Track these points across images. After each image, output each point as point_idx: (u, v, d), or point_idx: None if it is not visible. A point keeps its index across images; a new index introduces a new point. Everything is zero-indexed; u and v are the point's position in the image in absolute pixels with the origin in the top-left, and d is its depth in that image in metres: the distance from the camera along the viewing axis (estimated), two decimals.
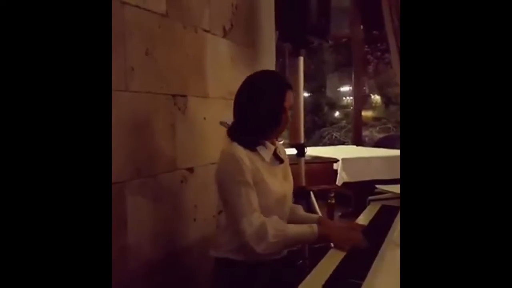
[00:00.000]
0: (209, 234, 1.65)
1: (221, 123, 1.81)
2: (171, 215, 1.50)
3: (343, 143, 6.91)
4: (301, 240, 1.22)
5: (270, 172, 1.28)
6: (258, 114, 1.24)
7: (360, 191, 3.76)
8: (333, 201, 2.98)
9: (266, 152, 1.28)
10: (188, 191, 1.56)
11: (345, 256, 1.08)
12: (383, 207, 1.70)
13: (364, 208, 1.81)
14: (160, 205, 1.44)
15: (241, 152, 1.21)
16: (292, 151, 2.12)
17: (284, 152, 1.47)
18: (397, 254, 0.96)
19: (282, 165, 1.35)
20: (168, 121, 1.49)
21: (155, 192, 1.42)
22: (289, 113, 1.31)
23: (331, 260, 1.09)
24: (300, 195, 2.02)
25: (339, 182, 3.71)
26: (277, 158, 1.33)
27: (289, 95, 1.27)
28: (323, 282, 0.94)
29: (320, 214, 2.02)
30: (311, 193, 2.05)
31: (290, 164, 2.28)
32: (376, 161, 4.05)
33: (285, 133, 6.52)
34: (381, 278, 0.85)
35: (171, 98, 1.50)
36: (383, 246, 1.01)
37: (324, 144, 7.13)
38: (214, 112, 1.75)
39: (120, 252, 1.24)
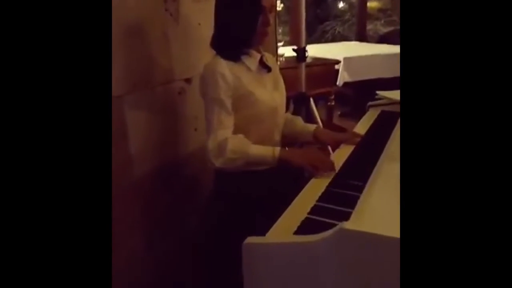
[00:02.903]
0: None
1: None
2: (171, 126, 1.51)
3: (346, 39, 6.63)
4: (261, 161, 1.19)
5: (258, 82, 1.27)
6: (236, 18, 1.19)
7: (360, 91, 3.74)
8: (333, 103, 2.98)
9: (251, 61, 1.26)
10: (187, 102, 1.54)
11: (341, 169, 1.12)
12: (382, 113, 1.70)
13: (363, 107, 1.82)
14: (159, 117, 1.44)
15: (223, 67, 1.19)
16: (293, 52, 2.05)
17: (273, 61, 1.42)
18: (395, 168, 0.98)
19: (270, 73, 1.32)
20: (160, 28, 1.40)
21: (153, 104, 1.40)
22: (270, 15, 1.24)
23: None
24: (299, 101, 2.02)
25: (340, 82, 3.66)
26: (264, 66, 1.29)
27: None
28: (319, 193, 0.99)
29: (319, 120, 2.04)
30: (311, 99, 2.04)
31: (290, 68, 2.23)
32: (379, 58, 3.94)
33: (286, 29, 6.12)
34: (378, 193, 0.87)
35: (161, 3, 1.39)
36: (381, 159, 1.03)
37: (326, 40, 6.84)
38: (209, 16, 1.63)
39: (122, 164, 1.27)
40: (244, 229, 1.16)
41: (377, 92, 1.78)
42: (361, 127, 1.54)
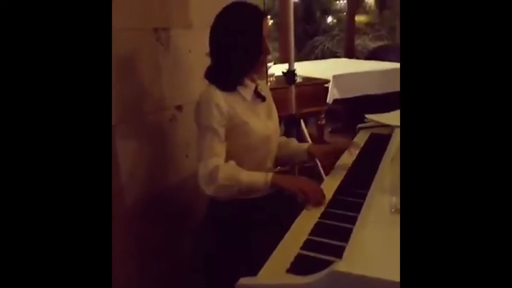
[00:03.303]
0: None
1: (208, 54, 1.72)
2: (163, 153, 1.51)
3: (335, 54, 6.72)
4: (253, 187, 1.17)
5: (252, 111, 1.28)
6: (237, 49, 1.20)
7: (350, 106, 3.78)
8: (323, 122, 3.02)
9: (247, 91, 1.27)
10: (178, 129, 1.55)
11: (332, 198, 1.12)
12: (372, 136, 1.72)
13: (354, 123, 1.85)
14: (151, 144, 1.44)
15: (218, 96, 1.20)
16: (284, 67, 2.07)
17: (267, 88, 1.44)
18: (385, 199, 0.98)
19: (264, 103, 1.33)
20: (152, 58, 1.41)
21: (145, 133, 1.41)
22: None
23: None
24: (290, 123, 2.04)
25: (329, 99, 3.69)
26: (259, 95, 1.31)
27: (266, 24, 1.23)
28: (311, 226, 0.99)
29: (309, 140, 2.06)
30: (301, 121, 2.06)
31: (281, 88, 2.25)
32: (369, 75, 3.98)
33: (275, 45, 6.16)
34: (370, 226, 0.88)
35: (152, 33, 1.40)
36: (371, 189, 1.04)
37: (316, 57, 6.91)
38: (199, 43, 1.65)
39: (115, 193, 1.26)
40: (238, 254, 1.17)
41: (366, 116, 1.80)
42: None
